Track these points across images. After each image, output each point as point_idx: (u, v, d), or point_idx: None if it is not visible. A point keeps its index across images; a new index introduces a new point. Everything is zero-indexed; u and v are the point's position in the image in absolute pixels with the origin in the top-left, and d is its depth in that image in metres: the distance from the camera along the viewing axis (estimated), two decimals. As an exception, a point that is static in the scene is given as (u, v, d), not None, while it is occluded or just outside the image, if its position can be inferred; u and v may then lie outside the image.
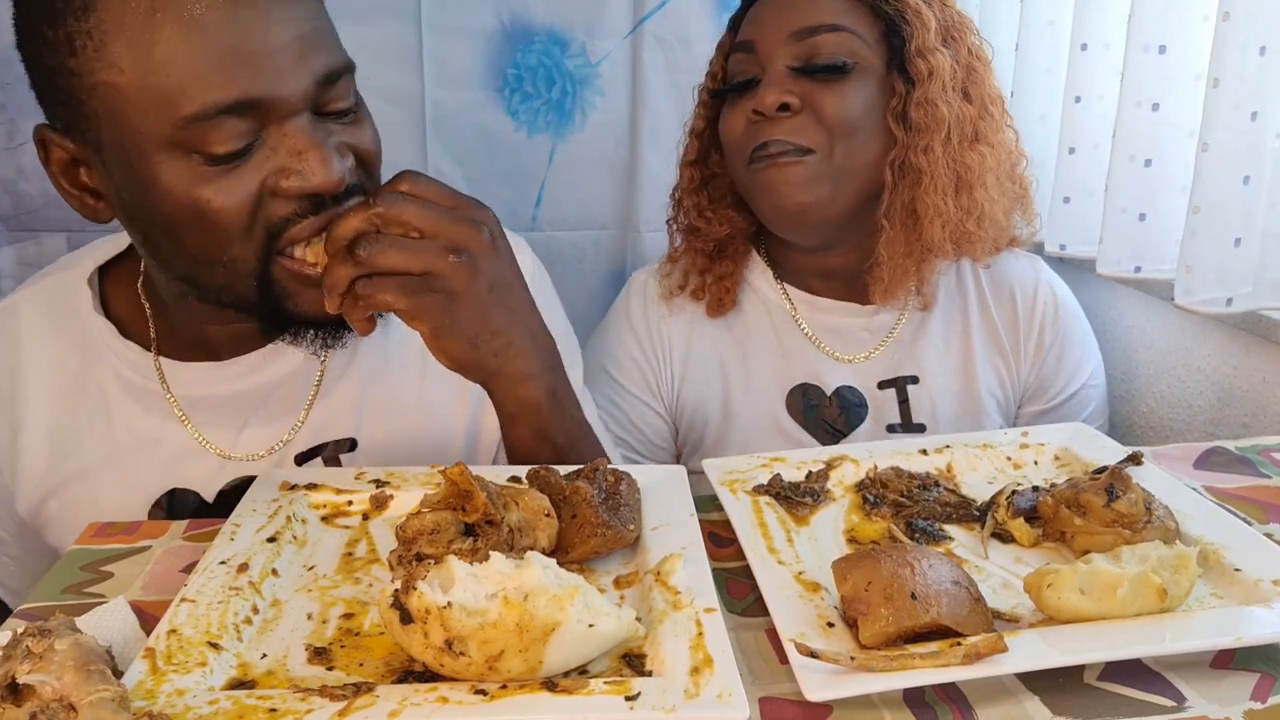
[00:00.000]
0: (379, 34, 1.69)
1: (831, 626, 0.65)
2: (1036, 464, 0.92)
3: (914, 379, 1.25)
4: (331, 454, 0.99)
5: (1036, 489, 0.82)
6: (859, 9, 1.14)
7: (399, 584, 0.61)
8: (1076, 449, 0.91)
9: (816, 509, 0.84)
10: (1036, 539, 0.78)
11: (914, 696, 0.62)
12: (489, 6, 1.73)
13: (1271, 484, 0.89)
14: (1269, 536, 0.74)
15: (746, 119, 1.15)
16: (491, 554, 0.63)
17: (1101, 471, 0.79)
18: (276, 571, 0.74)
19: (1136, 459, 0.86)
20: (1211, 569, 0.71)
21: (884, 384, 1.24)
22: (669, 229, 1.32)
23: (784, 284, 1.28)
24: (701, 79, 1.28)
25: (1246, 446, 0.97)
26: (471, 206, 0.83)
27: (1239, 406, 1.30)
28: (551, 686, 0.59)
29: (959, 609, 0.64)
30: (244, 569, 0.72)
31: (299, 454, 0.99)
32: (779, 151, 1.13)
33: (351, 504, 0.85)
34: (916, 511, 0.83)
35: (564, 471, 0.82)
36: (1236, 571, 0.70)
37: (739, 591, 0.75)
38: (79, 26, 0.76)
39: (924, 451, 0.92)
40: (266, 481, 0.86)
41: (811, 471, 0.89)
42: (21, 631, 0.59)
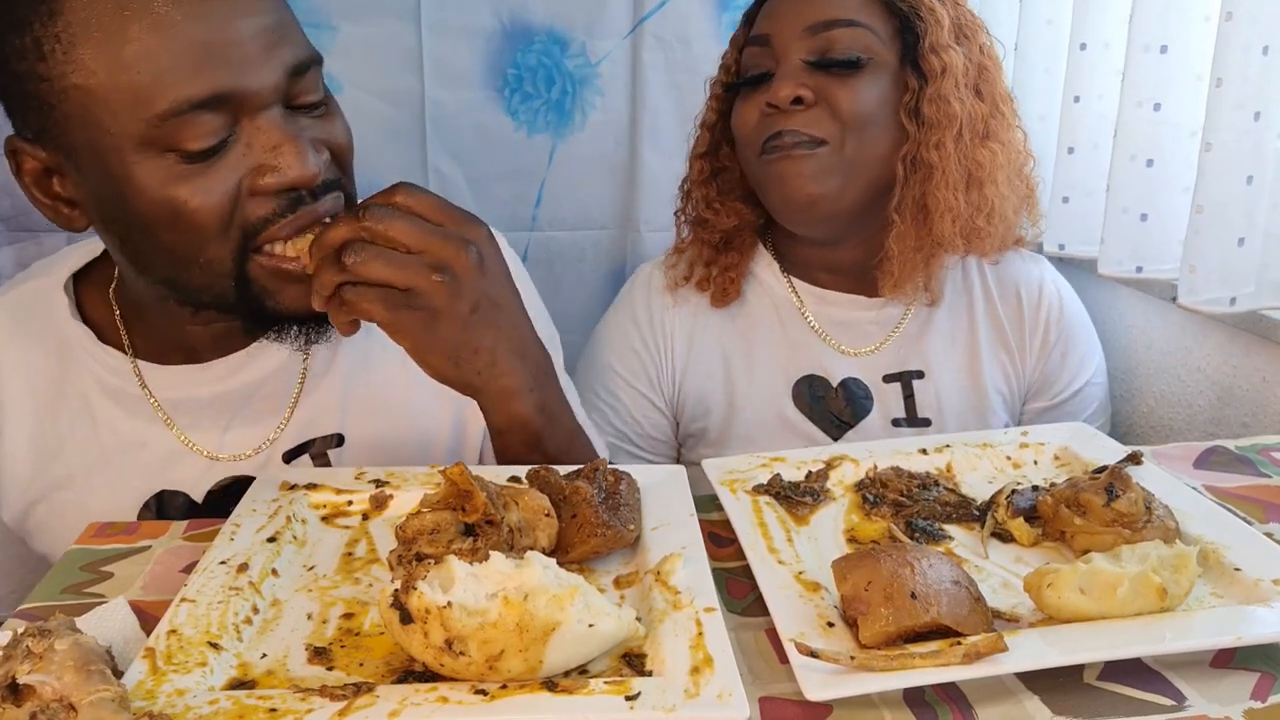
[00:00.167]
0: (379, 34, 1.69)
1: (831, 626, 0.65)
2: (1036, 463, 0.92)
3: (919, 374, 1.25)
4: (319, 450, 0.99)
5: (1036, 488, 0.82)
6: (873, 5, 1.15)
7: (399, 584, 0.61)
8: (1076, 448, 0.91)
9: (816, 509, 0.84)
10: (1036, 539, 0.78)
11: (914, 696, 0.62)
12: (489, 6, 1.73)
13: (1271, 483, 0.89)
14: (1269, 536, 0.74)
15: (760, 111, 1.16)
16: (491, 554, 0.63)
17: (1101, 471, 0.79)
18: (276, 571, 0.74)
19: (1136, 458, 0.86)
20: (1211, 568, 0.71)
21: (889, 378, 1.25)
22: (676, 220, 1.32)
23: (790, 277, 1.28)
24: (707, 75, 1.28)
25: (1246, 446, 0.97)
26: (463, 223, 0.81)
27: (1239, 406, 1.30)
28: (551, 686, 0.59)
29: (959, 609, 0.64)
30: (244, 569, 0.72)
31: (286, 452, 0.98)
32: (793, 143, 1.13)
33: (351, 504, 0.85)
34: (916, 511, 0.83)
35: (564, 471, 0.82)
36: (1236, 571, 0.70)
37: (739, 591, 0.75)
38: (46, 31, 0.75)
39: (924, 451, 0.92)
40: (266, 481, 0.86)
41: (811, 471, 0.89)
42: (21, 631, 0.59)
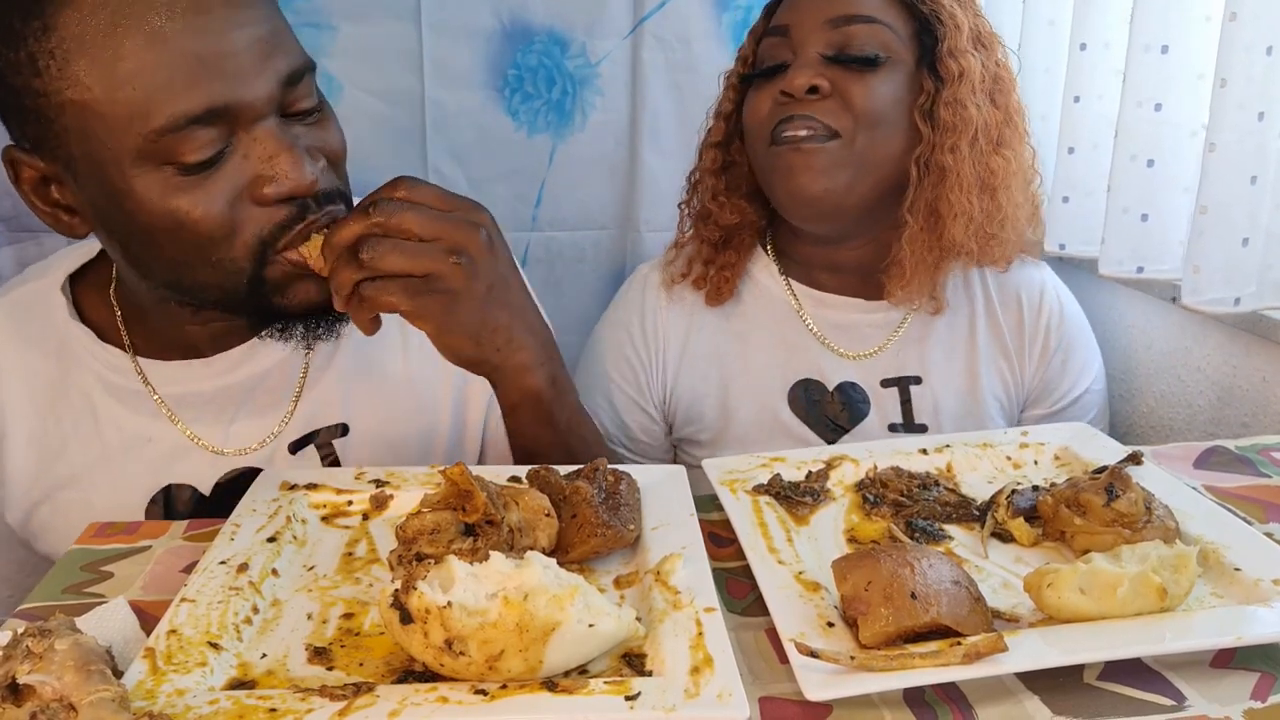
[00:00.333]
0: (379, 34, 1.69)
1: (831, 626, 0.65)
2: (1036, 463, 0.92)
3: (917, 379, 1.25)
4: (324, 440, 1.01)
5: (1036, 488, 0.82)
6: (894, 4, 1.15)
7: (399, 584, 0.61)
8: (1076, 448, 0.91)
9: (816, 508, 0.84)
10: (1036, 538, 0.78)
11: (914, 696, 0.62)
12: (489, 6, 1.73)
13: (1271, 483, 0.89)
14: (1269, 536, 0.74)
15: (773, 100, 1.16)
16: (491, 554, 0.63)
17: (1101, 471, 0.79)
18: (276, 571, 0.74)
19: (1136, 458, 0.86)
20: (1211, 568, 0.71)
21: (887, 383, 1.25)
22: (680, 212, 1.32)
23: (789, 279, 1.28)
24: (707, 75, 1.29)
25: (1246, 446, 0.97)
26: (468, 208, 0.84)
27: (1239, 406, 1.30)
28: (551, 686, 0.59)
29: (959, 609, 0.64)
30: (244, 569, 0.72)
31: (292, 442, 1.00)
32: (805, 135, 1.13)
33: (351, 504, 0.85)
34: (916, 511, 0.83)
35: (564, 471, 0.82)
36: (1236, 571, 0.70)
37: (739, 591, 0.75)
38: (40, 47, 0.76)
39: (924, 451, 0.92)
40: (266, 481, 0.86)
41: (811, 471, 0.89)
42: (21, 631, 0.59)
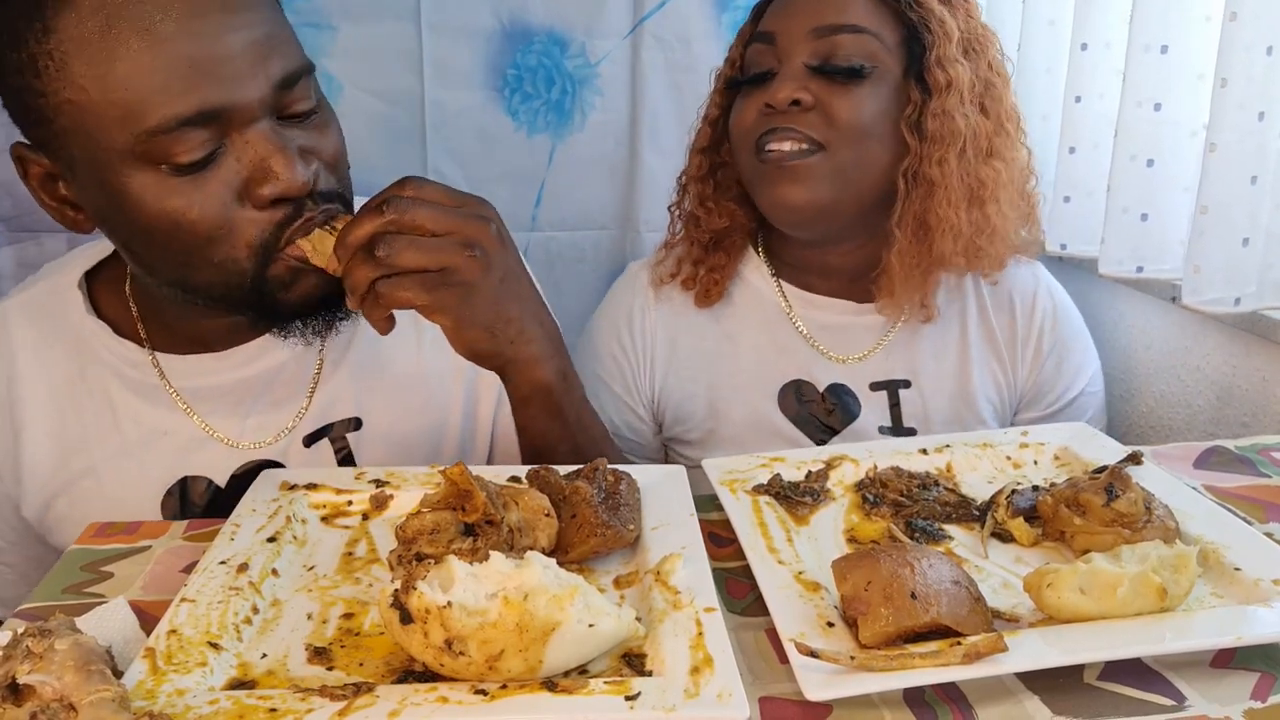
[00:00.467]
0: (379, 34, 1.69)
1: (831, 626, 0.65)
2: (1036, 463, 0.92)
3: (906, 383, 1.24)
4: (338, 434, 1.02)
5: (1036, 488, 0.82)
6: (882, 12, 1.13)
7: (399, 584, 0.61)
8: (1076, 448, 0.91)
9: (816, 508, 0.84)
10: (1036, 538, 0.78)
11: (914, 696, 0.62)
12: (489, 7, 1.74)
13: (1271, 483, 0.89)
14: (1269, 536, 0.74)
15: (758, 111, 1.15)
16: (491, 554, 0.63)
17: (1101, 471, 0.79)
18: (276, 571, 0.74)
19: (1136, 458, 0.86)
20: (1211, 568, 0.71)
21: (876, 385, 1.24)
22: (671, 214, 1.32)
23: (780, 280, 1.27)
24: (707, 75, 1.27)
25: (1246, 446, 0.97)
26: (477, 204, 0.85)
27: (1239, 406, 1.30)
28: (551, 686, 0.59)
29: (959, 608, 0.64)
30: (244, 569, 0.72)
31: (306, 436, 1.01)
32: (789, 150, 1.12)
33: (351, 504, 0.85)
34: (916, 511, 0.83)
35: (564, 471, 0.82)
36: (1236, 571, 0.70)
37: (739, 591, 0.75)
38: (40, 48, 0.77)
39: (924, 451, 0.92)
40: (266, 481, 0.87)
41: (811, 471, 0.89)
42: (21, 631, 0.59)
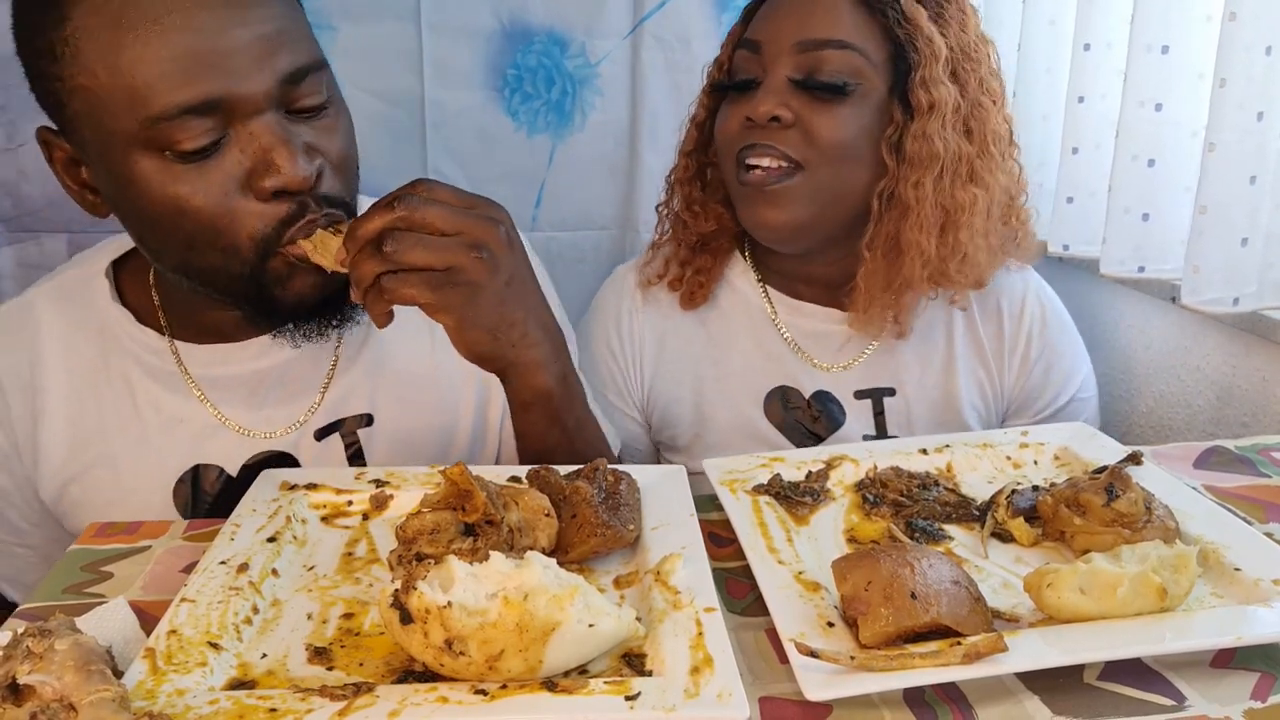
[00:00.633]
0: (379, 34, 1.69)
1: (831, 626, 0.65)
2: (1036, 463, 0.92)
3: (891, 391, 1.23)
4: (349, 429, 1.02)
5: (1036, 488, 0.82)
6: (870, 27, 1.11)
7: (399, 584, 0.61)
8: (1076, 448, 0.91)
9: (816, 509, 0.84)
10: (1036, 538, 0.78)
11: (914, 696, 0.62)
12: (489, 7, 1.74)
13: (1271, 483, 0.89)
14: (1269, 536, 0.74)
15: (740, 122, 1.13)
16: (491, 554, 0.63)
17: (1101, 471, 0.79)
18: (276, 571, 0.74)
19: (1136, 458, 0.86)
20: (1211, 568, 0.71)
21: (860, 394, 1.22)
22: (659, 214, 1.31)
23: (766, 286, 1.26)
24: (703, 67, 1.26)
25: (1246, 446, 0.97)
26: (487, 206, 0.85)
27: (1239, 406, 1.30)
28: (551, 686, 0.59)
29: (959, 608, 0.64)
30: (244, 569, 0.72)
31: (317, 430, 1.02)
32: (768, 167, 1.11)
33: (351, 504, 0.85)
34: (916, 511, 0.83)
35: (564, 471, 0.82)
36: (1236, 571, 0.70)
37: (739, 591, 0.75)
38: (57, 35, 0.80)
39: (924, 451, 0.92)
40: (266, 481, 0.87)
41: (811, 471, 0.89)
42: (21, 631, 0.59)
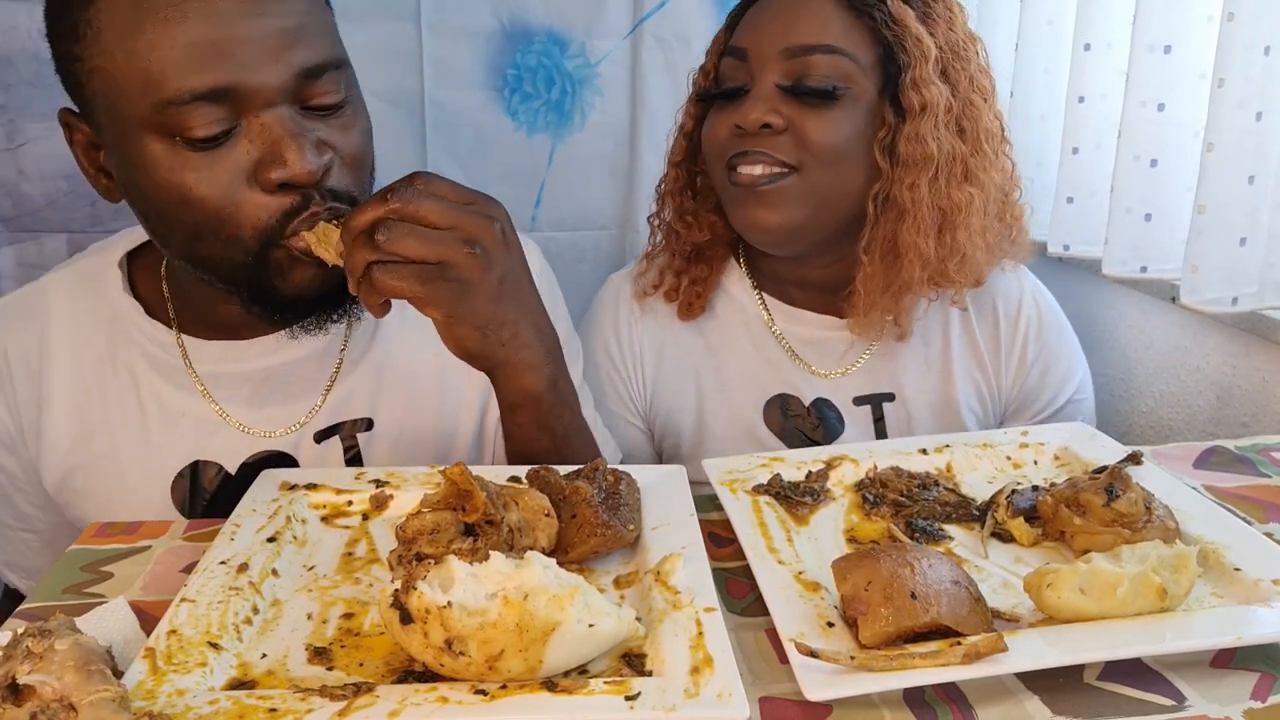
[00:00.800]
0: (379, 34, 1.69)
1: (831, 626, 0.65)
2: (1036, 463, 0.92)
3: (890, 396, 1.22)
4: (348, 433, 1.02)
5: (1036, 488, 0.82)
6: (857, 30, 1.09)
7: (399, 584, 0.61)
8: (1076, 448, 0.91)
9: (816, 509, 0.84)
10: (1036, 538, 0.78)
11: (914, 696, 0.62)
12: (489, 7, 1.74)
13: (1271, 483, 0.89)
14: (1269, 536, 0.74)
15: (729, 130, 1.12)
16: (491, 554, 0.63)
17: (1101, 471, 0.79)
18: (276, 571, 0.74)
19: (1136, 458, 0.86)
20: (1211, 568, 0.71)
21: (860, 400, 1.22)
22: (650, 225, 1.30)
23: (762, 293, 1.25)
24: (688, 73, 1.25)
25: (1246, 446, 0.97)
26: (485, 203, 0.84)
27: (1239, 406, 1.30)
28: (551, 686, 0.59)
29: (959, 609, 0.64)
30: (244, 569, 0.72)
31: (317, 432, 1.01)
32: (760, 175, 1.10)
33: (351, 504, 0.85)
34: (916, 511, 0.83)
35: (564, 471, 0.82)
36: (1236, 571, 0.70)
37: (739, 591, 0.75)
38: (82, 15, 0.81)
39: (924, 451, 0.92)
40: (266, 481, 0.87)
41: (811, 471, 0.89)
42: (21, 631, 0.59)
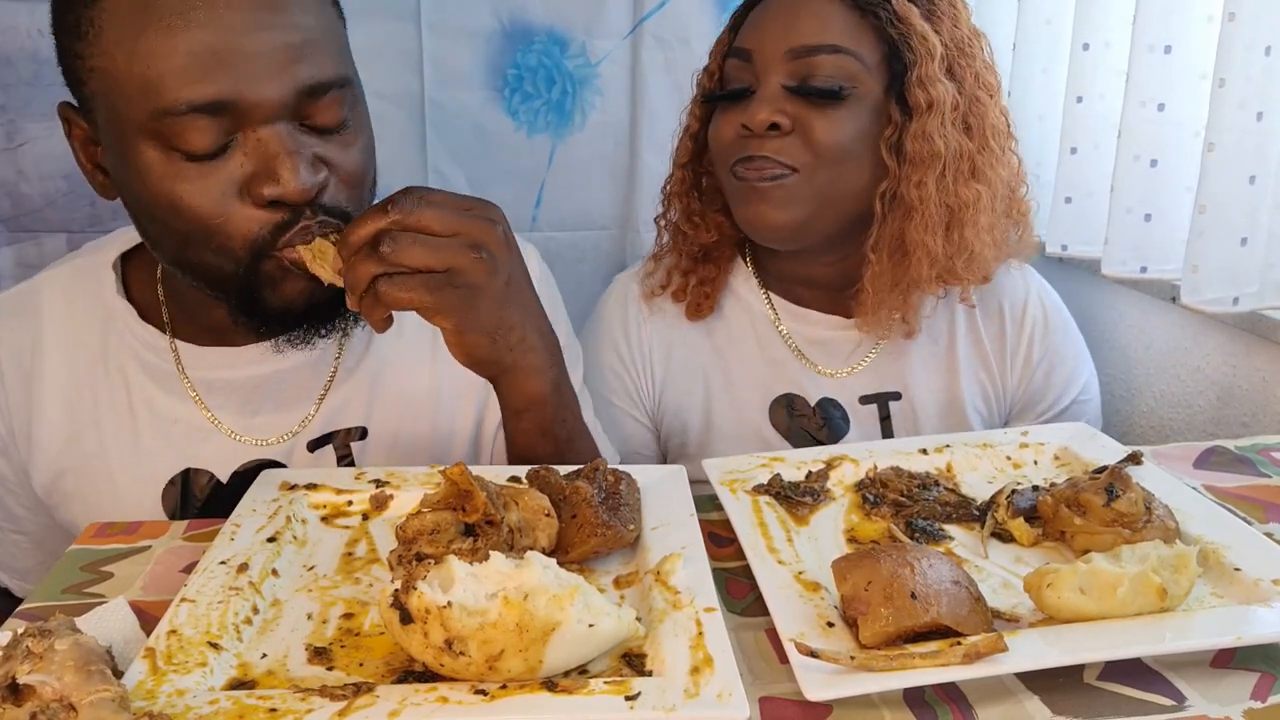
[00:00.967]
0: (379, 34, 1.69)
1: (831, 626, 0.65)
2: (1036, 463, 0.92)
3: (896, 395, 1.23)
4: (342, 442, 1.01)
5: (1036, 488, 0.82)
6: (862, 29, 1.09)
7: (399, 584, 0.61)
8: (1076, 448, 0.91)
9: (816, 509, 0.84)
10: (1036, 538, 0.78)
11: (914, 696, 0.62)
12: (489, 6, 1.74)
13: (1271, 483, 0.89)
14: (1269, 536, 0.74)
15: (735, 131, 1.12)
16: (491, 554, 0.63)
17: (1101, 471, 0.79)
18: (276, 571, 0.74)
19: (1136, 458, 0.86)
20: (1211, 568, 0.71)
21: (866, 399, 1.23)
22: (657, 225, 1.30)
23: (769, 292, 1.25)
24: (692, 73, 1.25)
25: (1246, 446, 0.97)
26: (483, 206, 0.84)
27: (1239, 406, 1.30)
28: (551, 686, 0.59)
29: (959, 608, 0.64)
30: (244, 569, 0.72)
31: (310, 441, 1.01)
32: (760, 175, 1.11)
33: (351, 504, 0.85)
34: (916, 511, 0.83)
35: (564, 471, 0.82)
36: (1236, 571, 0.70)
37: (739, 591, 0.75)
38: (86, 13, 0.80)
39: (924, 451, 0.92)
40: (266, 481, 0.87)
41: (811, 471, 0.89)
42: (21, 631, 0.59)
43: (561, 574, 0.63)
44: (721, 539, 0.81)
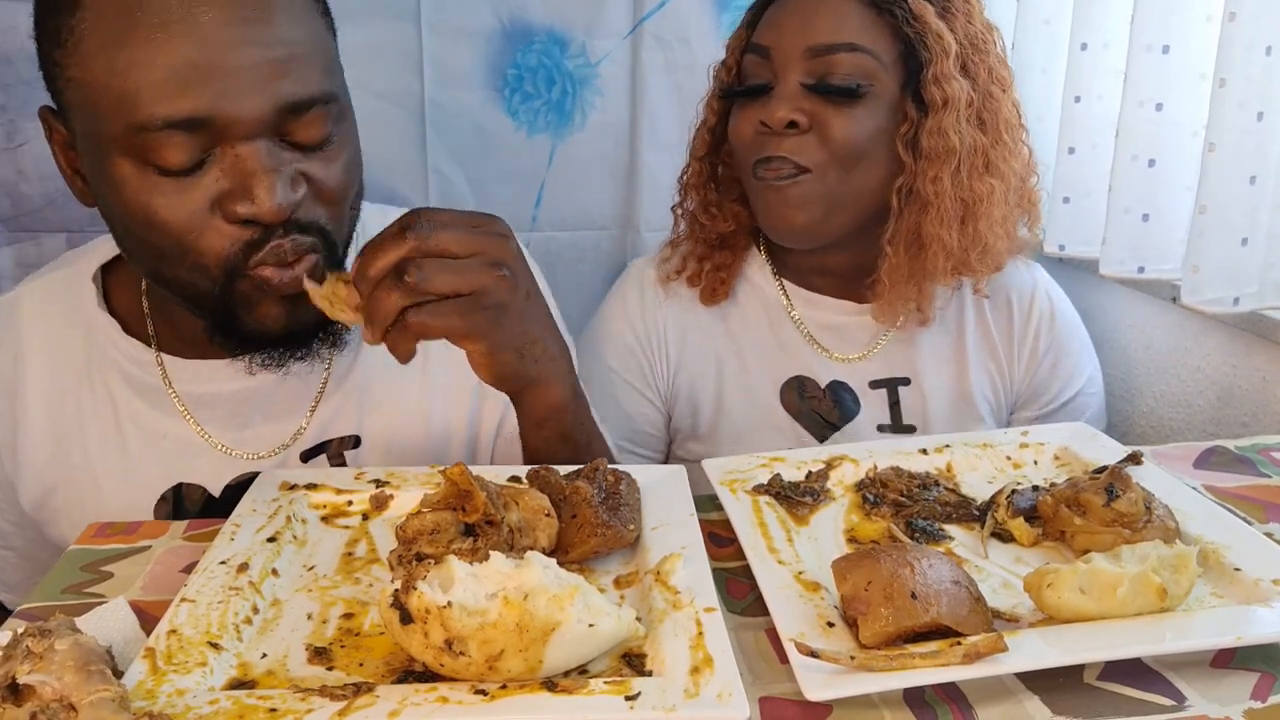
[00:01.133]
0: (379, 34, 1.69)
1: (831, 626, 0.65)
2: (1036, 463, 0.92)
3: (905, 380, 1.25)
4: (335, 451, 1.01)
5: (1036, 488, 0.83)
6: (878, 27, 1.11)
7: (399, 584, 0.61)
8: (1076, 448, 0.91)
9: (816, 508, 0.84)
10: (1036, 538, 0.78)
11: (914, 696, 0.62)
12: (489, 6, 1.73)
13: (1271, 483, 0.89)
14: (1269, 536, 0.74)
15: (754, 128, 1.14)
16: (491, 554, 0.63)
17: (1101, 471, 0.79)
18: (276, 571, 0.74)
19: (1136, 458, 0.86)
20: (1211, 568, 0.71)
21: (876, 384, 1.25)
22: (674, 214, 1.32)
23: (782, 279, 1.28)
24: (708, 67, 1.26)
25: (1246, 446, 0.97)
26: (490, 222, 0.82)
27: (1239, 406, 1.30)
28: (551, 686, 0.59)
29: (959, 608, 0.64)
30: (244, 569, 0.72)
31: (303, 451, 1.00)
32: (778, 175, 1.12)
33: (351, 504, 0.85)
34: (916, 511, 0.83)
35: (564, 471, 0.82)
36: (1236, 571, 0.70)
37: (739, 591, 0.75)
38: (66, 21, 0.79)
39: (924, 451, 0.92)
40: (266, 481, 0.86)
41: (811, 471, 0.89)
42: (21, 631, 0.59)
43: (561, 574, 0.63)
44: (721, 539, 0.81)
